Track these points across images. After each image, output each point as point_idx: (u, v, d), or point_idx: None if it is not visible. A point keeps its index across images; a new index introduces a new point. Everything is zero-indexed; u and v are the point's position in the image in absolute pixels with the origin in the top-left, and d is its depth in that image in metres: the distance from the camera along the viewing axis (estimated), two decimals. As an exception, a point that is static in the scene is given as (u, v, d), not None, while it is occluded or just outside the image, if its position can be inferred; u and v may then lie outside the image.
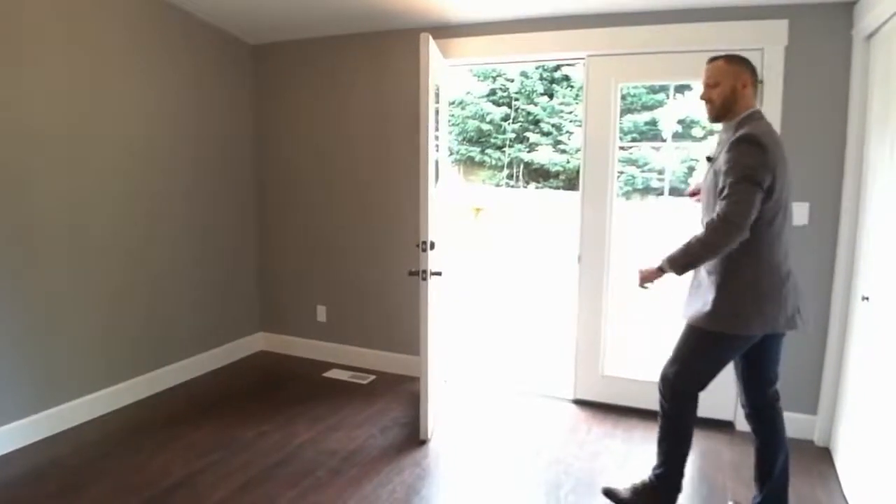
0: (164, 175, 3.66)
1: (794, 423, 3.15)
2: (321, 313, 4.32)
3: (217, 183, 4.07)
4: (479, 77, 17.26)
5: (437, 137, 3.35)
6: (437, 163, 3.22)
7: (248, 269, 4.43)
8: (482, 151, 18.52)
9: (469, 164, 18.89)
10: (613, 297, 3.58)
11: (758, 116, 2.23)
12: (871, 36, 2.67)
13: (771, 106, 3.02)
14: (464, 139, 18.29)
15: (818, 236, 3.02)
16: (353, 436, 3.14)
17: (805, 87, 2.98)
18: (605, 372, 3.60)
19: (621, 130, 3.45)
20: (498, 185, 19.01)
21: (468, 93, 17.83)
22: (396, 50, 3.78)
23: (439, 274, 3.00)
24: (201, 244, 3.98)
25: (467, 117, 18.01)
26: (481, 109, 17.97)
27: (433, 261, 2.94)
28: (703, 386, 2.37)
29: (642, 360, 3.96)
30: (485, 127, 18.16)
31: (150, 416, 3.36)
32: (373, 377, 4.01)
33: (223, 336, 4.24)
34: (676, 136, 12.20)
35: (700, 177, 2.44)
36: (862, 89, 2.77)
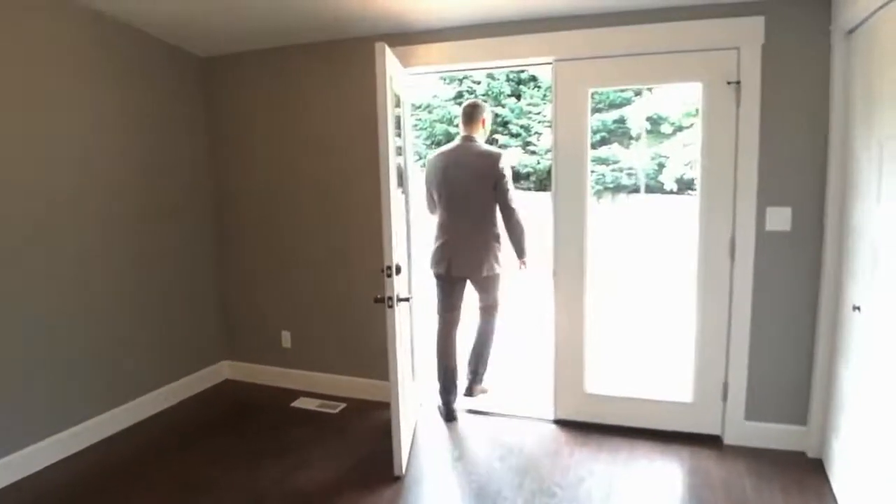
0: (114, 198, 3.40)
1: (784, 435, 3.04)
2: (286, 339, 4.08)
3: (170, 204, 3.80)
4: (445, 80, 17.07)
5: (399, 148, 3.16)
6: (398, 168, 3.03)
7: (207, 294, 4.16)
8: (451, 154, 18.38)
9: (439, 167, 18.73)
10: (595, 307, 3.41)
11: (456, 142, 3.53)
12: (852, 31, 2.55)
13: (748, 107, 2.89)
14: (432, 143, 18.08)
15: (801, 242, 2.90)
16: (322, 474, 2.93)
17: (784, 87, 2.85)
18: (587, 389, 3.42)
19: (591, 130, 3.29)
20: (469, 187, 18.84)
21: (435, 96, 17.64)
22: (354, 58, 3.55)
23: (407, 300, 2.80)
24: (156, 270, 3.71)
25: (435, 121, 17.80)
26: (449, 112, 17.78)
27: (400, 285, 2.74)
28: (441, 308, 3.59)
29: (626, 376, 3.83)
30: (453, 130, 17.97)
31: (113, 458, 3.15)
32: (343, 405, 3.79)
33: (186, 366, 3.98)
34: (645, 133, 12.19)
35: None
36: (844, 87, 2.65)
